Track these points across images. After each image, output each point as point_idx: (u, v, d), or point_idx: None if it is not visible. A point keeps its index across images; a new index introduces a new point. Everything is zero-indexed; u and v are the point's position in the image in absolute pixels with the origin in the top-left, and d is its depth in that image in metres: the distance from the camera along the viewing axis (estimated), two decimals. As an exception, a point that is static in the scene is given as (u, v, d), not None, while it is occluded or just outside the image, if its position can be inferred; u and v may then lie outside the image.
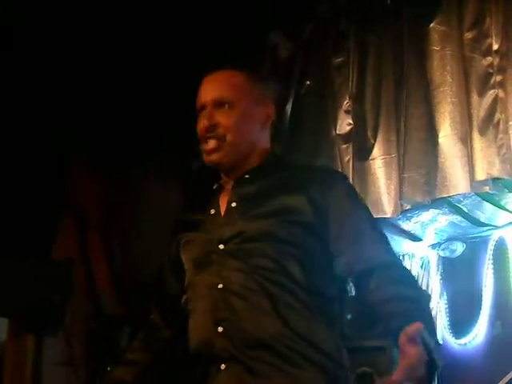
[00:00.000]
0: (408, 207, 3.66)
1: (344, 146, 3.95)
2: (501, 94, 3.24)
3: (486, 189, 3.26)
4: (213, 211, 2.14)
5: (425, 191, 3.46)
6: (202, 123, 2.12)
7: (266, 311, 1.96)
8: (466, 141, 3.30)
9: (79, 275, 4.65)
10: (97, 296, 4.78)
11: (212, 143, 2.11)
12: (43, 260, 4.50)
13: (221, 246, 2.05)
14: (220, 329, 1.98)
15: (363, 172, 3.81)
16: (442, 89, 3.44)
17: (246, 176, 2.13)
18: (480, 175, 3.19)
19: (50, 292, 4.36)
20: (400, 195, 3.58)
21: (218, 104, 2.11)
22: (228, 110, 2.10)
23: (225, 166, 2.15)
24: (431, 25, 3.54)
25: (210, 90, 2.14)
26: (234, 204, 2.10)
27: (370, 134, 3.81)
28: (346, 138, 3.96)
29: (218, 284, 2.02)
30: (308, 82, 4.20)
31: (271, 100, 2.20)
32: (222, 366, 1.97)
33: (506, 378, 3.70)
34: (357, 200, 2.11)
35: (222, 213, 2.11)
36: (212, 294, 2.03)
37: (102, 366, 4.51)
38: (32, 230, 4.40)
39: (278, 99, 2.28)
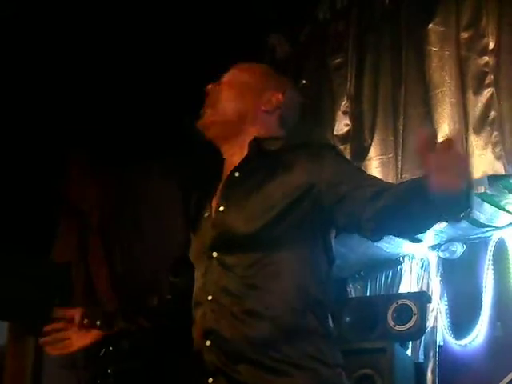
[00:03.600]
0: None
1: (341, 146, 3.94)
2: (496, 92, 3.24)
3: (482, 189, 3.26)
4: (207, 214, 2.13)
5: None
6: (207, 87, 2.21)
7: (250, 323, 1.94)
8: (462, 140, 3.30)
9: (79, 277, 4.65)
10: (96, 298, 4.78)
11: (206, 108, 2.17)
12: (43, 262, 4.51)
13: (214, 254, 2.05)
14: (207, 342, 1.98)
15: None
16: (440, 89, 3.44)
17: (236, 174, 2.11)
18: (476, 173, 3.20)
19: (50, 294, 4.36)
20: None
21: (226, 83, 2.19)
22: (226, 85, 2.19)
23: (214, 133, 2.17)
24: (429, 26, 3.54)
25: (225, 75, 2.23)
26: (221, 208, 2.08)
27: (366, 134, 3.81)
28: (344, 138, 3.95)
29: (208, 295, 2.02)
30: (304, 82, 4.19)
31: (287, 101, 2.21)
32: (210, 380, 1.97)
33: (507, 379, 3.70)
34: (349, 164, 2.12)
35: (213, 216, 2.10)
36: (204, 304, 2.03)
37: (102, 368, 4.51)
38: (32, 232, 4.41)
39: (294, 111, 2.26)
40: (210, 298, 2.01)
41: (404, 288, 4.32)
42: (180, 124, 2.30)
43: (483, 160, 3.19)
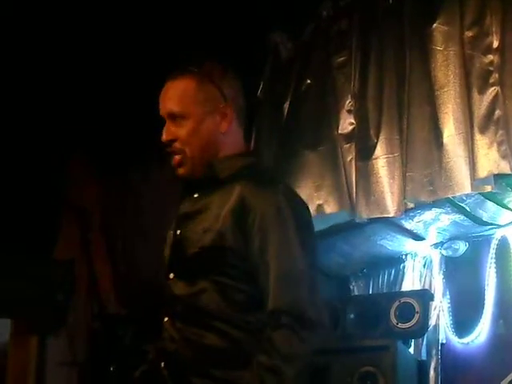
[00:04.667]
0: (411, 206, 3.66)
1: (346, 145, 3.93)
2: (501, 91, 3.23)
3: (488, 188, 3.26)
4: (171, 233, 2.21)
5: (429, 191, 3.45)
6: (162, 138, 2.19)
7: (192, 343, 2.02)
8: (467, 139, 3.30)
9: (82, 275, 4.65)
10: (99, 295, 4.78)
11: (175, 158, 2.16)
12: (46, 260, 4.51)
13: (171, 275, 2.13)
14: (162, 364, 2.06)
15: (366, 172, 3.80)
16: (446, 89, 3.43)
17: (195, 195, 2.17)
18: (481, 172, 3.19)
19: (53, 292, 4.37)
20: (404, 194, 3.58)
21: (172, 117, 2.15)
22: (181, 122, 2.13)
23: (196, 177, 2.17)
24: (434, 25, 3.53)
25: (163, 102, 2.19)
26: (178, 231, 2.15)
27: (372, 133, 3.80)
28: (349, 137, 3.94)
29: (165, 315, 2.10)
30: (308, 81, 4.19)
31: (231, 98, 2.17)
32: None
33: (509, 377, 3.71)
34: (285, 216, 2.04)
35: (172, 238, 2.18)
36: (163, 324, 2.11)
37: (105, 365, 4.51)
38: (34, 230, 4.41)
39: (240, 95, 2.22)
40: (165, 319, 2.09)
41: (406, 286, 4.33)
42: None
43: (488, 159, 3.18)
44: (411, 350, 4.11)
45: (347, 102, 3.99)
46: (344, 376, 3.77)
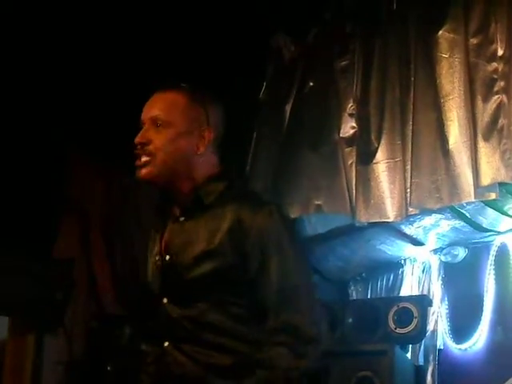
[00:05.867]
0: (416, 212, 3.66)
1: (347, 149, 3.94)
2: (505, 99, 3.24)
3: (493, 196, 3.26)
4: (157, 257, 2.18)
5: (436, 198, 3.46)
6: (136, 139, 2.18)
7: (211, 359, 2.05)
8: (471, 147, 3.30)
9: (80, 274, 4.65)
10: (98, 295, 4.78)
11: (143, 159, 2.16)
12: (44, 258, 4.50)
13: (164, 300, 2.11)
14: None
15: (366, 176, 3.81)
16: (451, 97, 3.44)
17: (181, 219, 2.15)
18: (485, 180, 3.19)
19: (51, 290, 4.36)
20: (409, 200, 3.58)
21: (154, 122, 2.14)
22: (162, 129, 2.13)
23: (156, 184, 2.18)
24: (439, 32, 3.53)
25: (150, 108, 2.18)
26: (167, 257, 2.14)
27: (373, 137, 3.81)
28: (350, 141, 3.95)
29: (163, 341, 2.08)
30: (311, 84, 4.19)
31: (214, 124, 2.19)
32: None
33: (507, 383, 3.71)
34: (281, 236, 2.09)
35: (159, 263, 2.16)
36: (159, 348, 2.10)
37: (102, 365, 4.51)
38: (34, 228, 4.40)
39: (222, 124, 2.23)
40: (166, 344, 2.08)
41: (405, 291, 4.34)
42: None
43: (492, 167, 3.19)
44: (409, 355, 4.11)
45: (349, 105, 4.00)
46: (341, 380, 3.77)
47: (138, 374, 2.27)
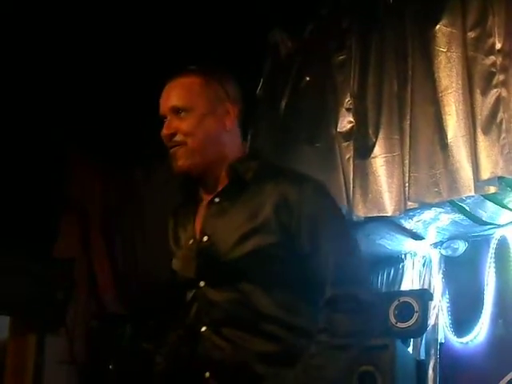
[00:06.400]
0: (415, 206, 3.66)
1: (345, 143, 3.94)
2: (504, 93, 3.22)
3: (493, 189, 3.25)
4: (191, 241, 2.14)
5: (435, 192, 3.45)
6: (162, 133, 2.14)
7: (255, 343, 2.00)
8: (470, 141, 3.30)
9: (81, 274, 4.66)
10: (98, 294, 4.79)
11: (176, 151, 2.11)
12: (45, 258, 4.51)
13: (201, 283, 2.06)
14: (207, 374, 2.02)
15: (364, 170, 3.80)
16: (449, 91, 3.42)
17: (216, 200, 2.12)
18: (484, 174, 3.18)
19: (52, 290, 4.37)
20: (407, 195, 3.57)
21: (175, 111, 2.11)
22: (185, 116, 2.10)
23: (194, 174, 2.12)
24: (437, 26, 3.51)
25: (167, 99, 2.15)
26: (205, 238, 2.09)
27: (371, 131, 3.80)
28: (347, 135, 3.95)
29: (201, 326, 2.04)
30: (307, 78, 4.19)
31: (234, 100, 2.17)
32: None
33: (508, 377, 3.71)
34: (328, 210, 2.08)
35: (197, 242, 2.11)
36: (197, 335, 2.05)
37: (103, 364, 4.52)
38: (35, 228, 4.41)
39: (242, 99, 2.21)
40: (204, 329, 2.04)
41: (406, 285, 4.33)
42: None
43: (491, 161, 3.18)
44: (410, 349, 4.11)
45: (346, 100, 3.99)
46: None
47: (142, 372, 2.26)
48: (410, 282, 4.33)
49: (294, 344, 1.99)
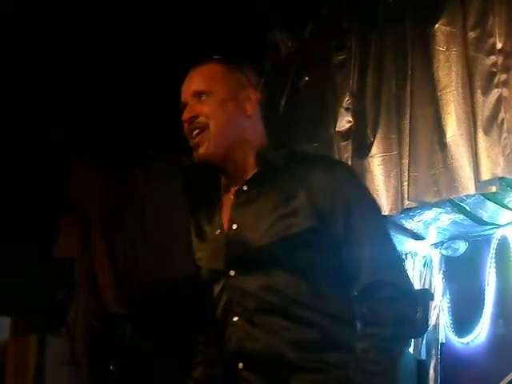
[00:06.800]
0: (412, 205, 3.65)
1: (343, 143, 3.94)
2: (505, 93, 3.21)
3: (493, 189, 3.24)
4: (218, 231, 2.10)
5: (434, 191, 3.45)
6: (183, 117, 2.11)
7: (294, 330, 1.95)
8: (471, 141, 3.29)
9: (82, 274, 4.66)
10: (99, 295, 4.79)
11: (196, 134, 2.08)
12: (45, 258, 4.50)
13: (231, 272, 2.02)
14: (240, 365, 1.99)
15: (362, 169, 3.79)
16: (448, 90, 3.41)
17: (245, 188, 2.09)
18: (485, 175, 3.18)
19: (52, 290, 4.37)
20: (406, 194, 3.57)
21: (196, 96, 2.09)
22: (206, 99, 2.07)
23: (215, 161, 2.09)
24: (436, 25, 3.51)
25: (188, 85, 2.12)
26: (234, 226, 2.05)
27: (369, 131, 3.80)
28: (346, 135, 3.95)
29: (232, 316, 2.00)
30: (306, 78, 4.19)
31: (255, 87, 2.15)
32: None
33: (509, 377, 3.70)
34: (363, 196, 2.05)
35: (226, 231, 2.07)
36: (229, 325, 2.01)
37: (104, 364, 4.52)
38: (35, 228, 4.40)
39: (264, 86, 2.20)
40: (235, 319, 2.00)
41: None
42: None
43: (492, 161, 3.17)
44: (411, 349, 4.11)
45: (345, 99, 3.99)
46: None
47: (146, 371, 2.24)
48: (410, 281, 4.32)
49: (330, 330, 1.95)
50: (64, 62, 4.18)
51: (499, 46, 3.26)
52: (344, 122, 3.98)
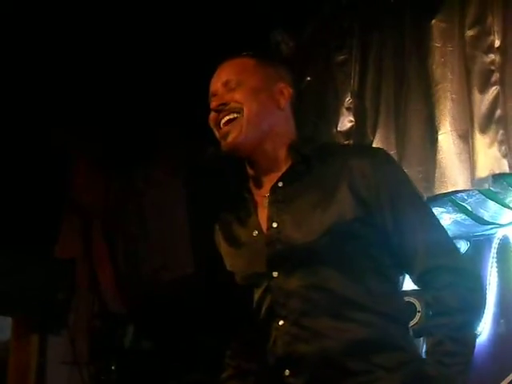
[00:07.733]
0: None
1: (345, 142, 3.94)
2: (502, 91, 3.22)
3: (486, 186, 3.24)
4: (256, 232, 2.01)
5: (423, 187, 3.44)
6: (212, 106, 2.04)
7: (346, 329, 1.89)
8: (466, 138, 3.29)
9: (83, 274, 4.66)
10: (100, 294, 4.79)
11: (226, 123, 2.01)
12: (47, 259, 4.51)
13: (274, 274, 1.93)
14: (286, 372, 1.92)
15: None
16: (441, 85, 3.41)
17: (280, 184, 2.01)
18: (481, 172, 3.18)
19: (54, 291, 4.37)
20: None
21: (227, 85, 2.04)
22: (238, 88, 2.03)
23: (244, 151, 2.02)
24: (433, 21, 3.51)
25: (218, 77, 2.08)
26: (274, 224, 1.96)
27: (369, 131, 3.81)
28: (347, 134, 3.95)
29: (277, 320, 1.92)
30: (308, 78, 4.19)
31: (288, 82, 2.13)
32: None
33: (510, 377, 3.69)
34: (405, 181, 2.00)
35: (265, 231, 1.98)
36: (274, 330, 1.93)
37: (105, 364, 4.52)
38: (36, 228, 4.41)
39: (293, 83, 2.18)
40: (281, 323, 1.91)
41: (408, 285, 4.31)
42: (184, 122, 2.24)
43: (488, 158, 3.17)
44: (411, 349, 4.09)
45: (347, 99, 3.99)
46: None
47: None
48: (412, 281, 4.31)
49: (384, 330, 1.87)
50: (64, 62, 4.19)
51: (497, 44, 3.27)
52: (345, 121, 3.98)
